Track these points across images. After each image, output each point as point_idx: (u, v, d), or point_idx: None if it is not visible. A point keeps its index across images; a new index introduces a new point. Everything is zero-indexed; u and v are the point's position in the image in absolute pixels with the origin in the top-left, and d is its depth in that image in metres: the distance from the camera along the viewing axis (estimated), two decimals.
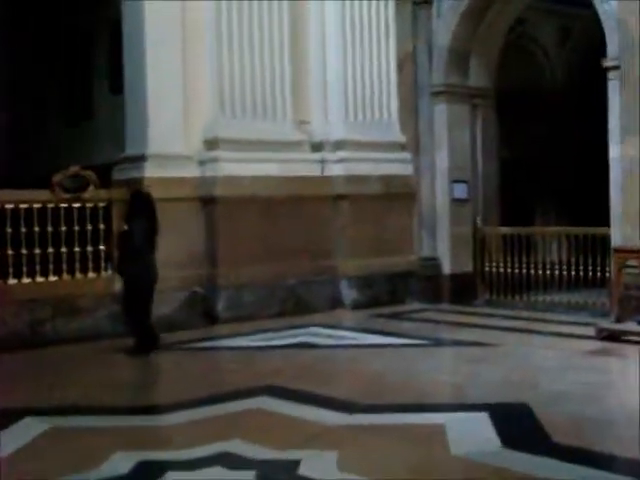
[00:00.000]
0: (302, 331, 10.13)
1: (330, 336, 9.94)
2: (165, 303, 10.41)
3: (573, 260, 11.79)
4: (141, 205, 9.08)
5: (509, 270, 12.25)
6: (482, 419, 5.92)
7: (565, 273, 11.80)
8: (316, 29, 12.04)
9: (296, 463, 5.04)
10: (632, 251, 9.49)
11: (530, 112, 14.48)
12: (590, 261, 11.28)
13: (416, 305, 12.17)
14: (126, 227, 9.13)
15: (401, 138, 12.46)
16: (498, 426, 5.72)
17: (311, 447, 5.43)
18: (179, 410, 6.43)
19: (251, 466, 5.04)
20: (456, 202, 12.52)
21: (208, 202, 10.91)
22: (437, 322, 10.98)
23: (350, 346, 9.36)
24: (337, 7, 11.99)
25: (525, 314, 11.25)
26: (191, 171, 10.94)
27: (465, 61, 12.62)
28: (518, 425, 5.89)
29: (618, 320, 9.30)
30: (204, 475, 4.94)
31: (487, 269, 12.49)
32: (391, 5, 12.46)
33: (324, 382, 7.39)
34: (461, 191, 12.54)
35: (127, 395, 7.26)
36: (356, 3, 12.15)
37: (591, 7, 10.99)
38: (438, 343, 9.42)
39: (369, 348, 9.19)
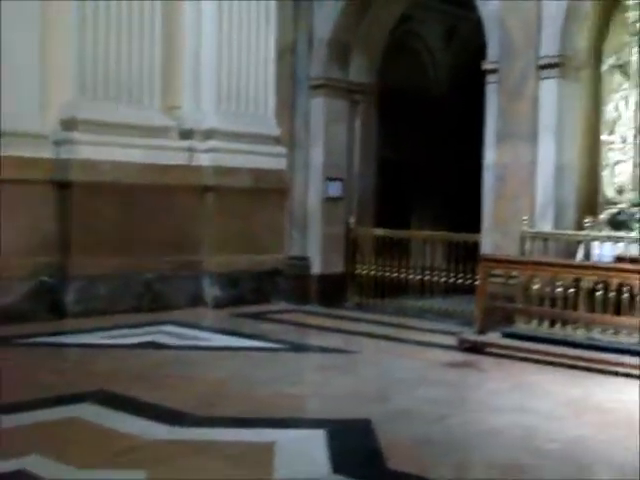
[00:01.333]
0: (155, 329, 9.50)
1: (183, 336, 9.34)
2: (8, 292, 9.68)
3: (447, 266, 11.51)
4: None
5: (381, 273, 11.89)
6: (317, 438, 5.41)
7: (439, 279, 11.51)
8: (191, 12, 11.40)
9: None
10: (499, 260, 9.19)
11: (414, 112, 14.14)
12: (463, 268, 11.00)
13: (282, 305, 11.68)
14: None
15: (276, 131, 11.94)
16: (333, 447, 5.22)
17: (118, 465, 4.83)
18: None
19: None
20: (330, 201, 12.09)
21: (63, 186, 10.15)
22: (300, 325, 10.49)
23: (201, 348, 8.77)
24: None
25: (393, 320, 10.87)
26: (45, 152, 10.15)
27: (346, 55, 12.20)
28: (355, 446, 5.40)
29: (481, 331, 8.98)
30: None
31: (359, 271, 12.09)
32: None
33: (160, 388, 6.78)
34: (335, 189, 12.11)
35: None
36: None
37: (476, 8, 10.71)
38: (295, 348, 8.90)
39: (221, 351, 8.63)
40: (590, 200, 10.41)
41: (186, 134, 11.29)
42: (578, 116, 10.22)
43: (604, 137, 10.37)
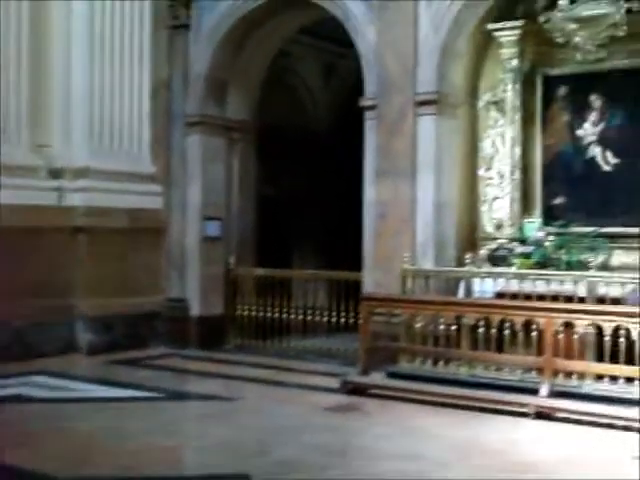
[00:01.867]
0: (24, 380, 8.96)
1: (54, 387, 8.84)
2: None
3: (330, 305, 11.29)
4: None
5: (263, 314, 11.57)
6: None
7: (322, 318, 11.26)
8: (61, 43, 10.94)
9: None
10: (380, 299, 9.04)
11: (294, 149, 13.97)
12: (346, 306, 10.76)
13: (161, 350, 11.23)
14: None
15: (151, 169, 11.56)
16: None
17: None
18: None
19: None
20: (208, 240, 11.73)
21: None
22: (178, 370, 10.09)
23: (72, 400, 8.28)
24: (85, 24, 10.95)
25: (276, 362, 10.54)
26: None
27: (223, 92, 11.93)
28: None
29: (365, 372, 8.79)
30: None
31: (239, 312, 11.74)
32: (147, 27, 11.59)
33: (24, 448, 6.28)
34: (214, 229, 11.77)
35: None
36: (107, 22, 11.19)
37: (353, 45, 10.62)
38: (172, 396, 8.49)
39: (93, 402, 8.15)
40: (470, 236, 10.41)
41: (57, 173, 10.81)
42: (456, 152, 10.23)
43: (482, 173, 10.41)
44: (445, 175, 10.02)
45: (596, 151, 9.81)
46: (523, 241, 9.90)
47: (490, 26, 10.11)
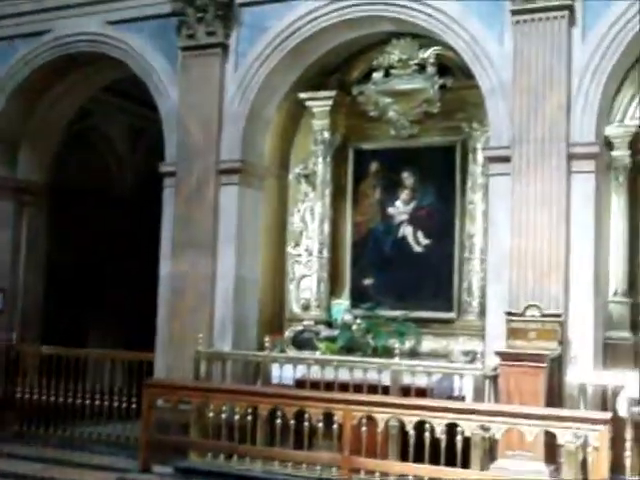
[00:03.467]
0: None
1: None
2: None
3: (124, 388, 10.20)
4: None
5: (47, 397, 10.35)
6: None
7: (114, 403, 10.15)
8: None
9: None
10: (164, 386, 8.10)
11: (95, 215, 12.92)
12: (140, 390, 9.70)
13: None
14: None
15: None
16: None
17: None
18: None
19: None
20: None
21: None
22: None
23: None
24: None
25: (55, 453, 9.33)
26: None
27: (13, 149, 10.86)
28: None
29: (146, 468, 7.80)
30: None
31: (20, 395, 10.46)
32: None
33: None
34: None
35: None
36: None
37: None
38: None
39: None
40: (276, 316, 9.79)
41: None
42: (262, 226, 9.59)
43: (290, 249, 9.81)
44: (249, 249, 9.33)
45: (407, 231, 9.40)
46: (330, 324, 9.28)
47: (302, 95, 9.63)
